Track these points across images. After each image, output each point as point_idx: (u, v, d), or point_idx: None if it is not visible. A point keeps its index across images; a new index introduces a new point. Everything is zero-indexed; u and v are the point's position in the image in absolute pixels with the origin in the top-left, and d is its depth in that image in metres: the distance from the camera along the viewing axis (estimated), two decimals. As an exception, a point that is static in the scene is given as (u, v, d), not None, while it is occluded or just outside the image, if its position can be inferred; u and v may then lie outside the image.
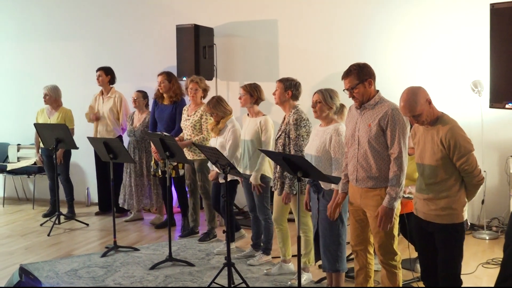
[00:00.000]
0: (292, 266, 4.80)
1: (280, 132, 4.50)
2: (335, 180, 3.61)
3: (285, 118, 4.56)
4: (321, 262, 4.17)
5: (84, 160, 7.70)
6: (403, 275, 3.82)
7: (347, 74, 3.58)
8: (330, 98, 3.99)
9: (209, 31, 7.05)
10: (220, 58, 7.20)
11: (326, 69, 6.56)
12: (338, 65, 4.57)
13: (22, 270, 4.94)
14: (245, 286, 4.34)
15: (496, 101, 5.11)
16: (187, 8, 7.34)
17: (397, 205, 3.55)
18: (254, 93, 4.98)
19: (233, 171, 4.26)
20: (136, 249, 5.58)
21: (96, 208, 7.34)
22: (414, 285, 4.40)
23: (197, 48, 6.77)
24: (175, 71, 6.66)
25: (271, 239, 5.11)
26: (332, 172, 3.89)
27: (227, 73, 7.26)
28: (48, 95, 6.88)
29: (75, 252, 5.64)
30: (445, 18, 6.22)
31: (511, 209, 5.53)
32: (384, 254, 3.60)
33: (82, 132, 6.85)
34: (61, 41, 7.98)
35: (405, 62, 6.39)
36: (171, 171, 5.94)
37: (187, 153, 5.69)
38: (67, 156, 7.01)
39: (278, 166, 4.48)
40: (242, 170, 4.95)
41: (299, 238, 3.81)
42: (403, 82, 3.91)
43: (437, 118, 3.30)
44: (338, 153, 3.87)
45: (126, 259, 5.30)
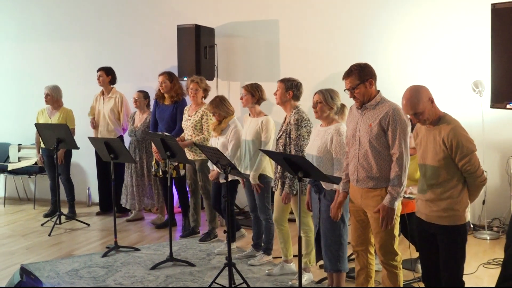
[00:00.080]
0: (293, 266, 4.80)
1: (281, 132, 4.50)
2: (336, 180, 3.61)
3: (286, 118, 4.56)
4: (322, 262, 4.17)
5: (85, 160, 7.70)
6: (404, 275, 3.82)
7: (348, 74, 3.58)
8: (331, 98, 3.99)
9: (210, 31, 7.05)
10: (221, 58, 7.19)
11: (327, 69, 6.55)
12: (339, 65, 4.57)
13: (23, 270, 4.93)
14: (246, 286, 4.34)
15: (497, 101, 5.10)
16: (188, 8, 7.34)
17: (398, 206, 3.55)
18: (256, 93, 4.97)
19: (234, 171, 4.27)
20: (137, 249, 5.58)
21: (97, 208, 7.34)
22: (415, 285, 4.40)
23: (198, 48, 6.77)
24: (176, 71, 6.66)
25: (272, 239, 5.11)
26: (333, 172, 3.89)
27: (228, 73, 7.26)
28: (49, 95, 6.88)
29: (76, 252, 5.65)
30: (446, 18, 6.21)
31: (512, 209, 5.54)
32: (384, 254, 3.59)
33: (83, 132, 6.86)
34: (62, 41, 7.97)
35: (406, 62, 6.38)
36: (172, 171, 5.95)
37: (188, 153, 5.69)
38: (68, 156, 7.01)
39: (279, 166, 4.49)
40: (243, 170, 4.95)
41: (299, 238, 3.82)
42: (404, 82, 3.90)
43: (439, 118, 3.28)
44: (339, 153, 3.87)
45: (127, 259, 5.30)
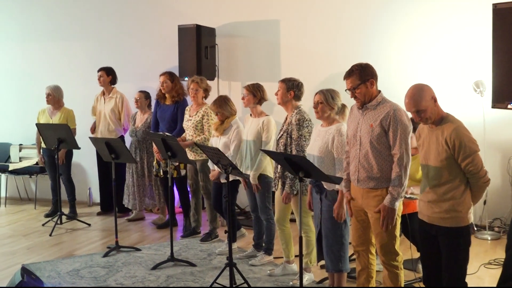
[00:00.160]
0: (295, 266, 4.79)
1: (282, 132, 4.50)
2: (337, 180, 3.60)
3: (287, 118, 4.56)
4: (323, 262, 4.17)
5: (86, 160, 7.71)
6: (405, 276, 3.81)
7: (349, 74, 3.57)
8: (332, 99, 3.99)
9: (211, 31, 7.05)
10: (222, 58, 7.19)
11: (328, 69, 6.54)
12: (340, 65, 4.56)
13: (24, 270, 4.93)
14: (247, 286, 4.34)
15: (498, 101, 5.10)
16: (189, 8, 7.34)
17: (399, 206, 3.55)
18: (257, 93, 4.97)
19: (235, 171, 4.26)
20: (138, 249, 5.58)
21: (98, 208, 7.34)
22: (416, 285, 4.40)
23: (199, 48, 6.76)
24: (177, 71, 6.65)
25: (273, 239, 5.10)
26: (335, 173, 3.89)
27: (229, 73, 7.26)
28: (51, 95, 6.88)
29: (77, 252, 5.65)
30: (447, 18, 6.20)
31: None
32: (385, 254, 3.59)
33: (84, 132, 6.87)
34: (62, 41, 7.97)
35: (407, 62, 6.37)
36: (173, 171, 5.94)
37: (189, 153, 5.69)
38: (69, 156, 7.02)
39: (278, 166, 4.48)
40: (244, 170, 4.94)
41: (300, 238, 3.81)
42: (405, 82, 3.89)
43: (442, 118, 3.26)
44: (341, 154, 3.86)
45: (128, 259, 5.30)
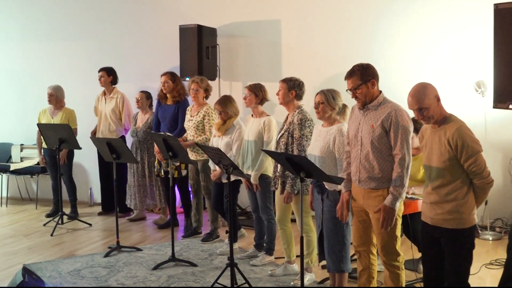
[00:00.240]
0: (296, 267, 4.79)
1: (283, 131, 4.49)
2: (338, 180, 3.59)
3: (287, 118, 4.55)
4: (325, 262, 4.17)
5: (87, 160, 7.71)
6: (406, 276, 3.80)
7: (350, 75, 3.57)
8: (333, 99, 3.98)
9: (212, 32, 7.05)
10: (223, 58, 7.19)
11: (329, 70, 6.54)
12: (341, 65, 4.56)
13: (25, 270, 4.94)
14: (248, 287, 4.34)
15: (500, 101, 5.10)
16: (190, 8, 7.34)
17: (400, 206, 3.54)
18: (259, 93, 4.97)
19: (236, 171, 4.26)
20: (139, 249, 5.58)
21: (99, 208, 7.34)
22: (417, 285, 4.40)
23: (200, 49, 6.76)
24: (178, 71, 6.65)
25: (274, 240, 5.10)
26: (337, 173, 3.88)
27: (230, 74, 7.26)
28: (53, 95, 6.89)
29: (78, 252, 5.65)
30: (448, 19, 6.20)
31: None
32: (387, 254, 3.59)
33: (85, 132, 6.88)
34: (63, 41, 7.98)
35: (408, 63, 6.37)
36: (174, 172, 5.94)
37: (190, 153, 5.69)
38: (70, 156, 7.02)
39: (278, 165, 4.48)
40: (245, 171, 4.94)
41: (302, 238, 3.81)
42: (407, 82, 3.89)
43: (445, 118, 3.24)
44: (342, 154, 3.85)
45: (129, 259, 5.30)
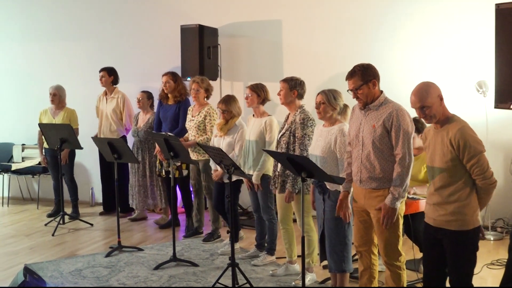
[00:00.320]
0: (297, 267, 4.79)
1: (284, 131, 4.48)
2: (339, 180, 3.59)
3: (288, 117, 4.55)
4: (326, 262, 4.17)
5: (88, 160, 7.72)
6: (407, 276, 3.80)
7: (351, 75, 3.57)
8: (334, 99, 3.98)
9: (214, 32, 7.05)
10: (225, 58, 7.19)
11: (330, 70, 6.54)
12: (342, 65, 4.56)
13: (27, 270, 4.94)
14: (249, 287, 4.34)
15: (501, 101, 5.09)
16: (191, 8, 7.34)
17: (402, 206, 3.55)
18: (261, 93, 4.98)
19: (237, 172, 4.26)
20: (140, 249, 5.59)
21: (100, 208, 7.35)
22: (418, 285, 4.39)
23: (201, 49, 6.76)
24: (179, 71, 6.65)
25: (275, 239, 5.10)
26: (338, 173, 3.88)
27: (231, 74, 7.26)
28: (57, 95, 6.91)
29: (80, 252, 5.65)
30: (450, 19, 6.20)
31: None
32: (388, 254, 3.59)
33: (86, 132, 6.88)
34: (63, 41, 7.98)
35: (410, 63, 6.36)
36: (175, 172, 5.95)
37: (191, 153, 5.69)
38: (72, 156, 7.03)
39: (278, 164, 4.47)
40: (246, 171, 4.94)
41: (303, 238, 3.81)
42: (408, 82, 3.89)
43: (447, 119, 3.23)
44: (344, 154, 3.85)
45: (130, 259, 5.31)
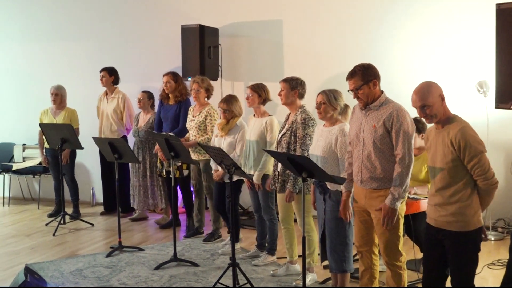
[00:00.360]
0: (298, 267, 4.79)
1: (285, 130, 4.48)
2: (340, 180, 3.60)
3: (289, 117, 4.55)
4: (327, 262, 4.17)
5: (89, 160, 7.72)
6: (408, 276, 3.80)
7: (351, 75, 3.57)
8: (334, 99, 3.98)
9: (214, 32, 7.05)
10: (225, 58, 7.19)
11: (331, 70, 6.54)
12: (343, 65, 4.56)
13: (28, 270, 4.95)
14: (250, 287, 4.34)
15: (502, 101, 5.09)
16: (192, 8, 7.34)
17: (402, 206, 3.55)
18: (262, 93, 4.97)
19: (238, 172, 4.26)
20: (141, 249, 5.59)
21: (101, 208, 7.35)
22: (419, 286, 4.39)
23: (202, 49, 6.76)
24: (180, 71, 6.65)
25: (276, 240, 5.10)
26: (339, 173, 3.88)
27: (232, 74, 7.26)
28: (59, 95, 6.92)
29: (80, 252, 5.66)
30: (450, 19, 6.19)
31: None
32: (389, 255, 3.59)
33: (87, 132, 6.88)
34: (63, 41, 7.98)
35: (411, 63, 6.36)
36: (175, 172, 5.94)
37: (192, 153, 5.69)
38: (73, 156, 7.03)
39: (279, 164, 4.47)
40: (247, 171, 4.94)
41: (304, 238, 3.81)
42: (409, 82, 3.89)
43: (448, 119, 3.22)
44: (345, 154, 3.85)
45: (131, 259, 5.31)
